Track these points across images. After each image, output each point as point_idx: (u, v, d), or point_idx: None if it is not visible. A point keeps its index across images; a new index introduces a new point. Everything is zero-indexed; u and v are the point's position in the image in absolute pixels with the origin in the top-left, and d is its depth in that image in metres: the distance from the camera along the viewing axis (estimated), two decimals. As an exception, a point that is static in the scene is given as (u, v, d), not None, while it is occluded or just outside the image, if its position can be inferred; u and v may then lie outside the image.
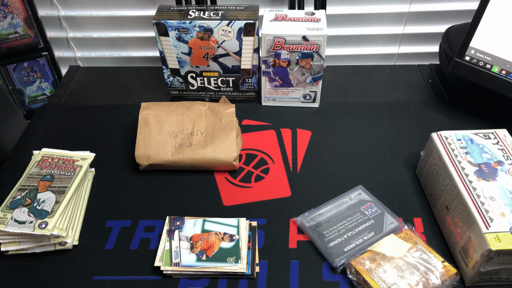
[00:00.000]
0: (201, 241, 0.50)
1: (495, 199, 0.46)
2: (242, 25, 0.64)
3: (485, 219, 0.44)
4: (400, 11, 0.81)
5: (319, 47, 0.63)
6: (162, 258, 0.48)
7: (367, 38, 0.85)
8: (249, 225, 0.52)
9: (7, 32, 0.76)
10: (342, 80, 0.78)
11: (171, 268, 0.47)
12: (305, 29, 0.63)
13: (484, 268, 0.44)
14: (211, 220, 0.52)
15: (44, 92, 0.85)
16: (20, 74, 0.81)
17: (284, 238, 0.52)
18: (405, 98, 0.74)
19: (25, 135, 0.68)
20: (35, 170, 0.55)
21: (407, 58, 0.87)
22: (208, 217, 0.53)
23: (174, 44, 0.66)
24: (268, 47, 0.64)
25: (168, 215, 0.54)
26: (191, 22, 0.64)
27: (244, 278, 0.48)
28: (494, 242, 0.42)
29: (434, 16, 0.82)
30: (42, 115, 0.72)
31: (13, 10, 0.75)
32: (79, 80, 0.80)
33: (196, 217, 0.53)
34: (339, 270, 0.48)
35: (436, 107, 0.71)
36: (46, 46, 0.81)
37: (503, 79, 0.60)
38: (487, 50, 0.61)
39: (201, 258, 0.48)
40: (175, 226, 0.51)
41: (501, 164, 0.50)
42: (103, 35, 0.85)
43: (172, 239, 0.50)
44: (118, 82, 0.79)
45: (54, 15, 0.81)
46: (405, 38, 0.85)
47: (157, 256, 0.49)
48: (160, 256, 0.49)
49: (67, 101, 0.75)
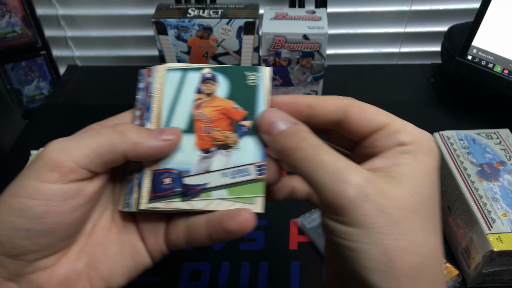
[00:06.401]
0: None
1: (497, 200, 0.45)
2: (242, 23, 0.63)
3: (487, 220, 0.43)
4: (401, 10, 0.81)
5: (320, 46, 0.63)
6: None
7: (368, 37, 0.84)
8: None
9: (5, 31, 0.76)
10: (343, 79, 0.78)
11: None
12: (305, 28, 0.62)
13: (486, 269, 0.44)
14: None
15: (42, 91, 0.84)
16: (18, 74, 0.81)
17: (285, 239, 0.52)
18: (407, 97, 0.73)
19: (23, 135, 0.68)
20: (33, 171, 0.55)
21: (409, 58, 0.87)
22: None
23: (173, 43, 0.66)
24: (268, 46, 0.64)
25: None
26: (191, 21, 0.63)
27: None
28: (496, 243, 0.41)
29: (436, 15, 0.81)
30: (40, 114, 0.71)
31: (11, 9, 0.75)
32: (77, 80, 0.80)
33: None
34: (340, 272, 0.48)
35: (438, 107, 0.71)
36: (44, 45, 0.81)
37: (505, 78, 0.60)
38: (490, 49, 0.61)
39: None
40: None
41: (504, 164, 0.49)
42: (102, 34, 0.84)
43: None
44: (117, 81, 0.78)
45: (53, 14, 0.81)
46: (407, 37, 0.84)
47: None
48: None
49: (66, 101, 0.75)
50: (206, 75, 0.28)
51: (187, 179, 0.27)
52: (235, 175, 0.27)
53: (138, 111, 0.28)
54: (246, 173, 0.27)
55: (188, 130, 0.27)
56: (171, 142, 0.26)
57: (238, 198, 0.27)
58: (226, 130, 0.27)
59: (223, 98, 0.28)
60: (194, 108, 0.28)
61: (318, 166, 0.22)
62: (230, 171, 0.27)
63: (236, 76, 0.28)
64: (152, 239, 0.28)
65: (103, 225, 0.27)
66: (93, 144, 0.24)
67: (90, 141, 0.24)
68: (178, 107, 0.28)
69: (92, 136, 0.24)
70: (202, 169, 0.27)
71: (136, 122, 0.27)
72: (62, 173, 0.23)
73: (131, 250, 0.27)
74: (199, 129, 0.27)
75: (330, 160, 0.22)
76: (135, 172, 0.27)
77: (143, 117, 0.28)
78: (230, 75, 0.28)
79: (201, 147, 0.27)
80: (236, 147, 0.27)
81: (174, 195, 0.26)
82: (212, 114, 0.27)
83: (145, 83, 0.29)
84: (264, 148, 0.27)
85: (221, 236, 0.26)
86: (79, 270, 0.25)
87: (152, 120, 0.27)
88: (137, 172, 0.27)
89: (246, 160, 0.27)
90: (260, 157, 0.27)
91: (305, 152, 0.23)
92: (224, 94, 0.28)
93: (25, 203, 0.22)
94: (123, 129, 0.25)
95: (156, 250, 0.28)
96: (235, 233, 0.25)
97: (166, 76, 0.28)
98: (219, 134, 0.27)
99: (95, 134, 0.24)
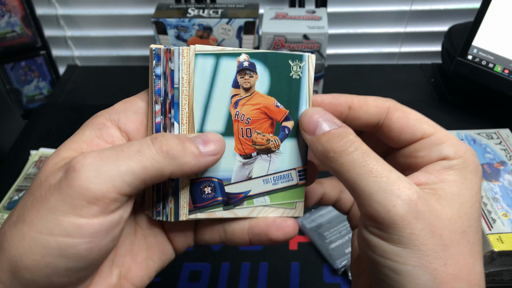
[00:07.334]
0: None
1: (498, 200, 0.45)
2: (242, 23, 0.63)
3: (488, 220, 0.43)
4: (402, 10, 0.80)
5: (320, 45, 0.63)
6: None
7: (368, 37, 0.84)
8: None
9: (4, 31, 0.76)
10: (344, 79, 0.78)
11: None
12: (305, 28, 0.62)
13: (487, 269, 0.43)
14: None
15: (41, 91, 0.84)
16: (17, 74, 0.80)
17: (285, 239, 0.52)
18: (407, 97, 0.73)
19: (22, 135, 0.68)
20: (33, 171, 0.54)
21: (409, 57, 0.87)
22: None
23: (173, 42, 0.66)
24: (269, 46, 0.64)
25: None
26: (190, 21, 0.63)
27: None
28: (496, 243, 0.41)
29: (436, 15, 0.81)
30: (40, 114, 0.71)
31: (11, 8, 0.75)
32: (77, 80, 0.79)
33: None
34: (340, 272, 0.48)
35: (438, 107, 0.70)
36: (44, 45, 0.81)
37: (506, 78, 0.60)
38: (490, 49, 0.60)
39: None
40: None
41: (504, 164, 0.49)
42: (101, 34, 0.84)
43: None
44: (117, 81, 0.78)
45: (52, 13, 0.80)
46: (407, 37, 0.84)
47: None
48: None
49: (65, 101, 0.74)
50: (243, 64, 0.24)
51: (228, 187, 0.25)
52: (277, 182, 0.25)
53: (158, 106, 0.23)
54: (288, 179, 0.25)
55: (226, 133, 0.24)
56: (218, 157, 0.23)
57: (280, 204, 0.26)
58: (267, 132, 0.25)
59: (264, 95, 0.24)
60: (231, 106, 0.24)
61: (367, 174, 0.20)
62: (272, 177, 0.25)
63: (278, 65, 0.24)
64: (182, 238, 0.27)
65: (128, 231, 0.25)
66: (136, 170, 0.20)
67: (133, 165, 0.20)
68: (212, 104, 0.24)
69: (134, 159, 0.20)
70: (244, 177, 0.25)
71: (157, 119, 0.23)
72: (104, 206, 0.20)
73: (159, 252, 0.26)
74: (238, 132, 0.24)
75: (381, 169, 0.21)
76: (167, 179, 0.24)
77: (168, 115, 0.23)
78: (271, 64, 0.24)
79: (241, 152, 0.25)
80: (277, 151, 0.25)
81: (216, 204, 0.25)
82: (251, 113, 0.24)
83: (164, 68, 0.23)
84: (305, 153, 0.25)
85: (263, 243, 0.25)
86: (113, 284, 0.24)
87: (182, 120, 0.24)
88: (170, 180, 0.24)
89: (287, 165, 0.25)
90: (302, 162, 0.25)
91: (353, 157, 0.21)
92: (264, 89, 0.24)
93: (64, 242, 0.19)
94: (167, 147, 0.21)
95: (184, 247, 0.27)
96: (280, 242, 0.25)
97: (195, 64, 0.23)
98: (260, 138, 0.25)
99: (135, 155, 0.21)
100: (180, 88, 0.23)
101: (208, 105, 0.24)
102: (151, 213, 0.25)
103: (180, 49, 0.23)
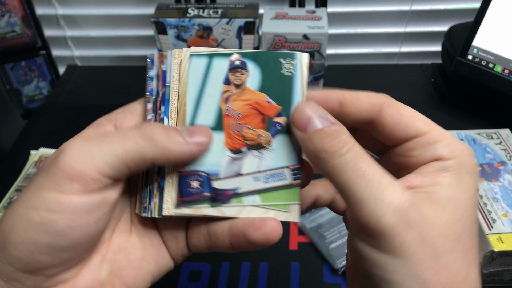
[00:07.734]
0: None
1: (498, 200, 0.45)
2: (242, 23, 0.63)
3: (488, 220, 0.43)
4: (402, 10, 0.80)
5: (320, 45, 0.63)
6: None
7: (368, 37, 0.84)
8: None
9: (4, 31, 0.76)
10: (344, 79, 0.78)
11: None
12: (306, 28, 0.62)
13: (487, 269, 0.43)
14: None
15: (41, 91, 0.84)
16: (17, 74, 0.80)
17: (285, 240, 0.51)
18: (407, 97, 0.73)
19: (22, 135, 0.67)
20: (33, 171, 0.54)
21: (409, 57, 0.87)
22: None
23: (173, 42, 0.66)
24: (269, 46, 0.64)
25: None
26: (190, 21, 0.63)
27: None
28: (496, 243, 0.41)
29: (436, 15, 0.81)
30: (40, 114, 0.71)
31: (11, 8, 0.75)
32: (77, 80, 0.79)
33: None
34: (340, 272, 0.48)
35: (438, 107, 0.70)
36: (44, 45, 0.81)
37: (506, 78, 0.60)
38: (490, 49, 0.60)
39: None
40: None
41: (504, 164, 0.49)
42: (101, 34, 0.84)
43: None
44: (117, 81, 0.78)
45: (52, 13, 0.80)
46: (407, 37, 0.84)
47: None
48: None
49: (65, 101, 0.74)
50: (235, 63, 0.25)
51: (217, 182, 0.24)
52: (268, 180, 0.24)
53: (150, 104, 0.25)
54: (280, 178, 0.24)
55: (216, 127, 0.24)
56: (203, 147, 0.23)
57: (272, 205, 0.24)
58: (258, 127, 0.24)
59: (255, 91, 0.25)
60: (222, 101, 0.25)
61: (359, 178, 0.20)
62: (263, 174, 0.24)
63: (269, 63, 0.24)
64: (174, 242, 0.26)
65: (122, 229, 0.25)
66: (118, 151, 0.21)
67: (115, 147, 0.21)
68: (204, 100, 0.24)
69: (117, 141, 0.21)
70: (233, 172, 0.24)
71: (149, 117, 0.25)
72: (85, 183, 0.20)
73: (154, 254, 0.25)
74: (228, 126, 0.25)
75: (373, 174, 0.20)
76: (154, 173, 0.24)
77: (158, 111, 0.24)
78: (262, 63, 0.25)
79: (230, 147, 0.24)
80: (269, 147, 0.24)
81: (203, 200, 0.24)
82: (242, 109, 0.24)
83: (156, 70, 0.25)
84: (299, 150, 0.24)
85: (243, 246, 0.23)
86: (102, 279, 0.23)
87: (171, 115, 0.24)
88: (156, 173, 0.24)
89: (280, 163, 0.24)
90: (295, 160, 0.24)
91: (345, 159, 0.20)
92: (255, 86, 0.25)
93: (46, 217, 0.20)
94: (151, 132, 0.22)
95: (178, 253, 0.26)
96: (259, 245, 0.23)
97: (189, 63, 0.25)
98: (251, 133, 0.25)
99: (119, 139, 0.21)
100: (170, 85, 0.25)
101: (200, 101, 0.25)
102: (139, 210, 0.25)
103: (172, 51, 0.25)
